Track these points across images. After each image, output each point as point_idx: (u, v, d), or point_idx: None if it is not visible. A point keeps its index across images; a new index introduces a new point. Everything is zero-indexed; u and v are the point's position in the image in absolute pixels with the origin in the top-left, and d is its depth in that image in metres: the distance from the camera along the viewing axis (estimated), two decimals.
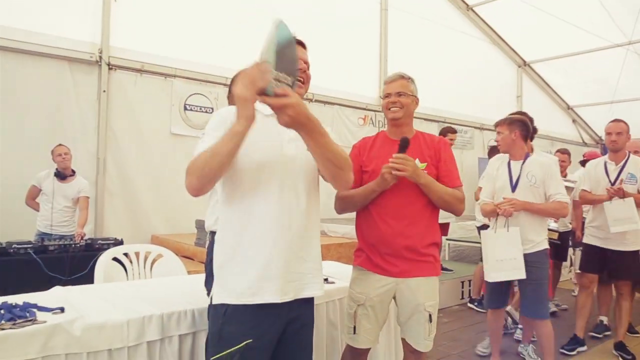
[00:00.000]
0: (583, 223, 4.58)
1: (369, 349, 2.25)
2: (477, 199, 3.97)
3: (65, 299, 2.07)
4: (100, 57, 4.70)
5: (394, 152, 2.06)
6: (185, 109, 5.27)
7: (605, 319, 4.24)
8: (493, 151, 4.27)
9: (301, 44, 1.67)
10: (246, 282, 1.51)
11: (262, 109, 1.41)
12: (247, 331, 1.49)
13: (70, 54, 4.57)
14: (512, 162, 3.24)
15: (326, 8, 6.40)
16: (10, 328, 1.70)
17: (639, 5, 6.39)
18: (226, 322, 1.51)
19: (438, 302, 2.22)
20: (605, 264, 3.76)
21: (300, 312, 1.62)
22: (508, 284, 3.29)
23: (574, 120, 10.53)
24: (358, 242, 2.32)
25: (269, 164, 1.52)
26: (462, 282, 5.29)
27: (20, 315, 1.83)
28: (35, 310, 1.91)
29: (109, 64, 4.75)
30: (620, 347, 3.74)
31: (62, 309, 1.90)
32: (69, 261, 3.64)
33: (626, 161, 3.66)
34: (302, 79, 1.64)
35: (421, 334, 2.18)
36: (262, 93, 1.27)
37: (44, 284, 2.34)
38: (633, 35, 7.10)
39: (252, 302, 1.50)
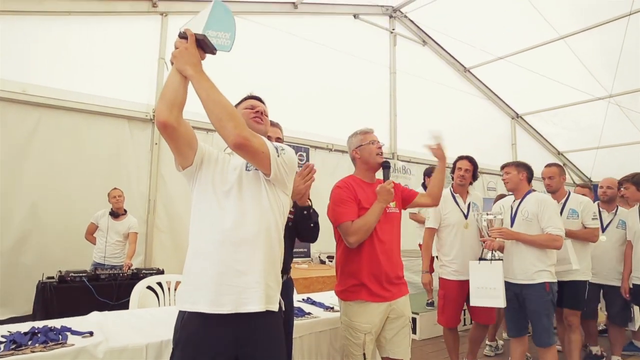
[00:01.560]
0: None
1: None
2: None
3: (97, 323, 1.98)
4: (154, 116, 4.79)
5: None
6: None
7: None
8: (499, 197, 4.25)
9: (259, 98, 1.76)
10: (187, 292, 1.46)
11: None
12: (192, 354, 1.40)
13: (129, 113, 4.70)
14: (514, 201, 3.12)
15: (346, 72, 6.46)
16: (41, 351, 1.63)
17: (615, 63, 6.19)
18: (176, 346, 1.46)
19: None
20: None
21: (250, 334, 1.42)
22: (520, 314, 3.03)
23: (564, 164, 10.14)
24: (353, 279, 2.17)
25: (213, 189, 1.51)
26: None
27: (53, 339, 1.75)
28: (68, 333, 1.83)
29: None
30: None
31: (91, 333, 1.83)
32: (116, 288, 3.59)
33: (567, 199, 3.43)
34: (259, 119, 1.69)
35: (407, 344, 2.22)
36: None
37: (95, 308, 2.29)
38: (613, 89, 6.88)
39: (190, 310, 1.43)
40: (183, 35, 1.46)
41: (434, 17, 6.96)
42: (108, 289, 3.57)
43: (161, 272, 3.79)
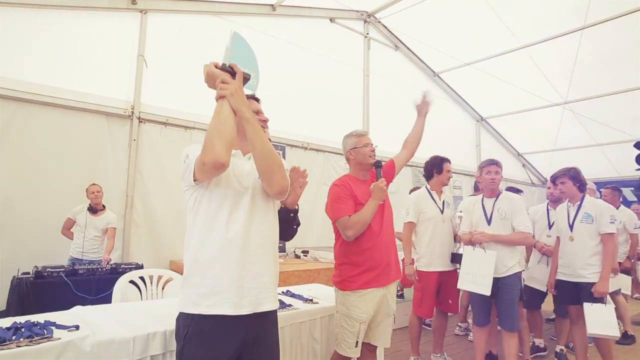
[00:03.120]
0: None
1: None
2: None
3: (82, 317, 1.96)
4: (132, 112, 4.72)
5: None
6: None
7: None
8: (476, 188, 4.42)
9: (255, 98, 1.71)
10: (201, 295, 1.43)
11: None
12: (204, 354, 1.39)
13: (108, 109, 4.58)
14: (485, 199, 3.23)
15: (322, 73, 6.50)
16: (27, 345, 1.60)
17: (570, 72, 6.51)
18: (186, 343, 1.42)
19: None
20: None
21: (259, 333, 1.49)
22: (489, 305, 3.17)
23: (523, 165, 10.57)
24: (352, 269, 2.27)
25: (229, 192, 1.49)
26: None
27: (38, 333, 1.72)
28: (53, 328, 1.80)
29: (139, 118, 4.76)
30: None
31: (77, 327, 1.80)
32: (95, 283, 3.51)
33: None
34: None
35: (389, 333, 2.36)
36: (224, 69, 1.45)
37: (72, 304, 2.24)
38: (568, 96, 7.22)
39: (207, 313, 1.40)
40: (225, 69, 1.43)
41: (406, 24, 7.10)
42: (86, 284, 3.49)
43: (140, 267, 3.73)
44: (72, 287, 3.42)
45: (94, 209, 4.06)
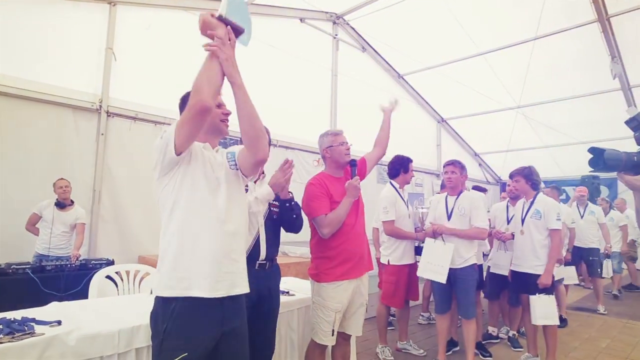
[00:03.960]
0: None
1: None
2: None
3: (62, 313, 1.94)
4: (100, 106, 4.57)
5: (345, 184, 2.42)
6: None
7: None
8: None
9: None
10: (178, 279, 1.45)
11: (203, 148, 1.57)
12: (183, 346, 1.40)
13: (75, 102, 4.41)
14: (448, 197, 3.43)
15: (290, 72, 6.54)
16: (9, 341, 1.57)
17: (523, 79, 6.91)
18: (165, 338, 1.42)
19: None
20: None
21: (235, 324, 1.53)
22: (449, 294, 3.36)
23: (480, 164, 11.08)
24: (327, 262, 2.36)
25: (207, 181, 1.53)
26: None
27: (19, 329, 1.69)
28: (33, 324, 1.77)
29: (107, 112, 4.62)
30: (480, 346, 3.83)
31: (59, 322, 1.79)
32: (64, 279, 3.40)
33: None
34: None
35: (361, 322, 2.46)
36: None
37: (40, 301, 2.19)
38: (520, 101, 7.66)
39: (182, 295, 1.43)
40: (222, 20, 1.42)
41: (373, 27, 7.26)
42: (55, 281, 3.36)
43: (111, 263, 3.66)
44: (39, 284, 3.30)
45: (61, 204, 3.92)
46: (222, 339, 1.49)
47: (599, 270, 5.76)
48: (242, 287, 1.55)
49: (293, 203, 2.15)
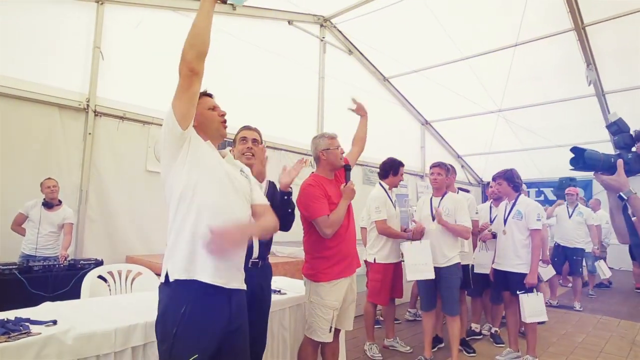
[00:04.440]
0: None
1: None
2: None
3: (56, 312, 1.93)
4: (88, 105, 4.51)
5: (339, 185, 2.54)
6: None
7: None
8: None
9: (208, 94, 1.74)
10: (194, 262, 1.46)
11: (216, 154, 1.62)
12: (194, 346, 1.41)
13: (61, 101, 4.35)
14: (433, 198, 3.51)
15: (278, 74, 6.57)
16: (6, 341, 1.57)
17: (504, 84, 7.09)
18: (176, 341, 1.41)
19: None
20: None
21: (240, 321, 1.58)
22: (434, 292, 3.44)
23: (462, 166, 11.29)
24: (325, 262, 2.41)
25: (229, 181, 1.59)
26: None
27: (14, 329, 1.68)
28: (28, 324, 1.77)
29: (95, 111, 4.56)
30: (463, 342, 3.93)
31: (54, 322, 1.78)
32: (52, 280, 3.36)
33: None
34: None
35: (352, 317, 2.54)
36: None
37: (28, 302, 2.15)
38: (502, 105, 7.85)
39: (200, 279, 1.45)
40: None
41: (359, 30, 7.34)
42: (42, 281, 3.33)
43: (100, 262, 3.62)
44: (26, 284, 3.25)
45: (49, 204, 3.86)
46: (227, 336, 1.51)
47: (580, 269, 5.94)
48: (243, 283, 1.61)
49: (290, 198, 2.20)
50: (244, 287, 1.59)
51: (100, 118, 4.63)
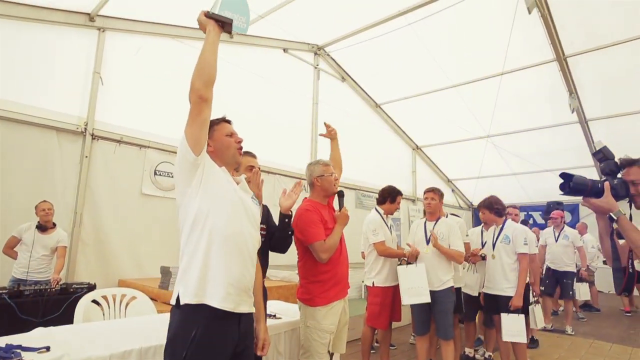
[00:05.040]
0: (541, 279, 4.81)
1: None
2: None
3: (49, 338, 1.88)
4: (86, 129, 4.53)
5: (333, 210, 2.57)
6: (156, 174, 5.13)
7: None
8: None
9: (227, 120, 1.78)
10: (229, 294, 1.48)
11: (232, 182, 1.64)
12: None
13: (59, 124, 4.36)
14: (427, 223, 3.53)
15: (273, 100, 6.67)
16: None
17: (492, 110, 7.26)
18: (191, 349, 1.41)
19: None
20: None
21: (247, 343, 1.58)
22: (428, 315, 3.41)
23: (452, 190, 11.39)
24: (321, 286, 2.41)
25: (244, 210, 1.61)
26: None
27: (6, 357, 1.64)
28: (19, 351, 1.72)
29: (92, 135, 4.57)
30: None
31: (47, 348, 1.74)
32: (43, 304, 3.27)
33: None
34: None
35: (345, 340, 2.51)
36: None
37: (17, 328, 2.10)
38: (490, 131, 8.01)
39: (210, 304, 1.45)
40: (210, 16, 1.56)
41: (352, 58, 7.53)
42: (33, 306, 3.22)
43: (93, 287, 3.54)
44: (16, 309, 3.15)
45: (43, 227, 3.80)
46: (235, 358, 1.52)
47: (570, 292, 5.94)
48: (252, 306, 1.61)
49: (291, 220, 2.21)
50: (252, 310, 1.60)
51: (97, 141, 4.63)
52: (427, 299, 3.24)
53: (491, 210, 3.80)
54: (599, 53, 5.95)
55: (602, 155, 1.79)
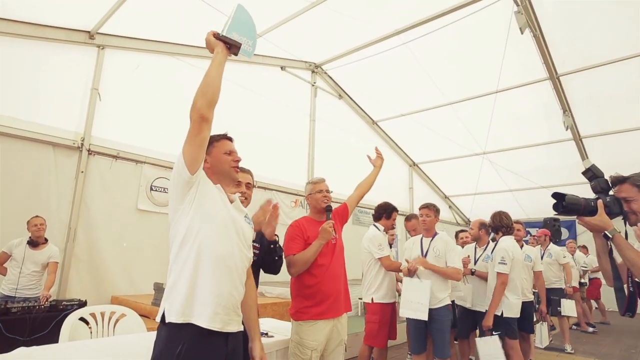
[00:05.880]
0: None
1: None
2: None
3: (30, 358, 1.80)
4: (82, 144, 4.50)
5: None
6: (152, 189, 5.08)
7: None
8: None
9: (229, 138, 1.77)
10: (216, 313, 1.44)
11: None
12: None
13: (56, 140, 4.34)
14: (424, 239, 3.48)
15: (271, 117, 6.69)
16: None
17: (487, 128, 7.28)
18: None
19: None
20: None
21: (237, 348, 1.54)
22: (424, 334, 3.33)
23: (450, 206, 11.34)
24: (305, 301, 2.36)
25: (234, 228, 1.57)
26: None
27: None
28: None
29: (89, 150, 4.54)
30: None
31: None
32: (30, 322, 3.17)
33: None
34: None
35: None
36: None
37: (1, 347, 2.02)
38: (486, 147, 8.02)
39: (196, 323, 1.41)
40: (219, 37, 1.57)
41: (349, 76, 7.59)
42: (20, 324, 3.11)
43: (84, 303, 3.45)
44: (1, 328, 3.04)
45: (34, 243, 3.72)
46: None
47: (558, 309, 5.85)
48: (241, 325, 1.57)
49: (277, 245, 2.15)
50: (241, 328, 1.55)
51: (93, 157, 4.60)
52: (424, 316, 3.17)
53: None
54: (591, 72, 6.01)
55: (591, 174, 1.76)
